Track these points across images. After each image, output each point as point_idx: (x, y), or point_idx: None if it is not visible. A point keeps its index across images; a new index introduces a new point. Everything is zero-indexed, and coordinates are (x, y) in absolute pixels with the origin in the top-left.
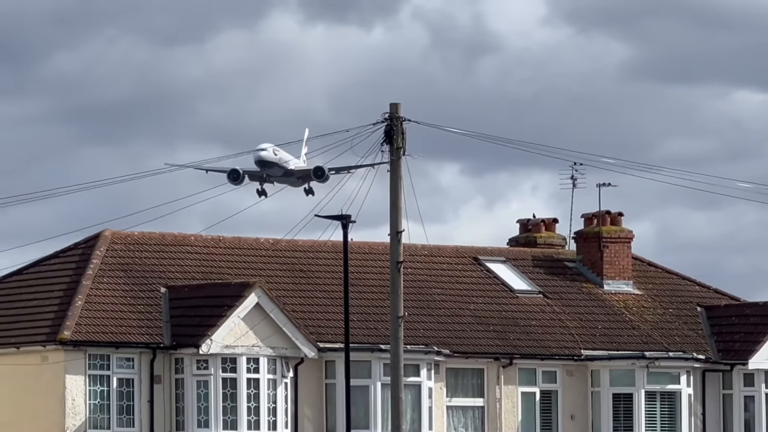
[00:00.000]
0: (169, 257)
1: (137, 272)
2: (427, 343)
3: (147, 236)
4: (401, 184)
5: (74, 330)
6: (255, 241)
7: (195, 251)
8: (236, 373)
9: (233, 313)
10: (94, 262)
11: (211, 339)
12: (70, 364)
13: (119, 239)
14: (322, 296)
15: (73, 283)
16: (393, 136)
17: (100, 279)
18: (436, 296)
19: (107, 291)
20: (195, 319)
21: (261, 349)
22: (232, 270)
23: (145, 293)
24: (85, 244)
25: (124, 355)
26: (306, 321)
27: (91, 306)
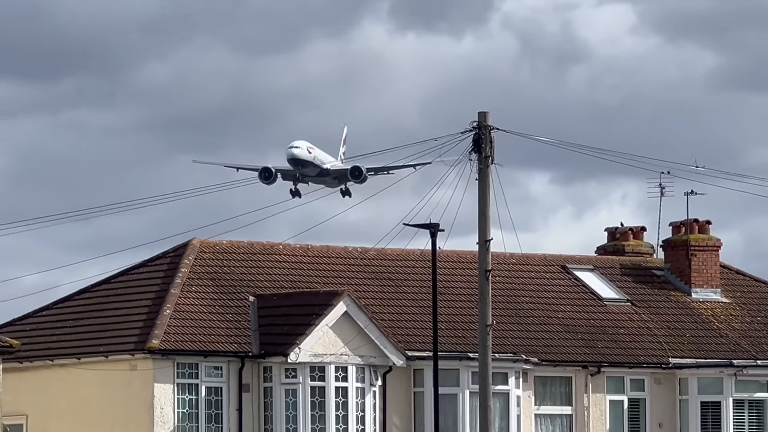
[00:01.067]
0: (258, 266)
1: (225, 281)
2: (515, 352)
3: (235, 245)
4: (489, 192)
5: (163, 339)
6: (344, 249)
7: (283, 260)
8: (324, 382)
9: (322, 322)
10: (182, 271)
11: (300, 347)
12: (159, 373)
13: (208, 248)
14: (411, 305)
15: (161, 291)
16: (481, 145)
17: (189, 288)
18: (525, 304)
19: (195, 300)
20: (283, 328)
21: (349, 357)
22: (320, 278)
23: (234, 302)
24: (174, 253)
25: (213, 364)
26: (394, 329)
27: (180, 315)
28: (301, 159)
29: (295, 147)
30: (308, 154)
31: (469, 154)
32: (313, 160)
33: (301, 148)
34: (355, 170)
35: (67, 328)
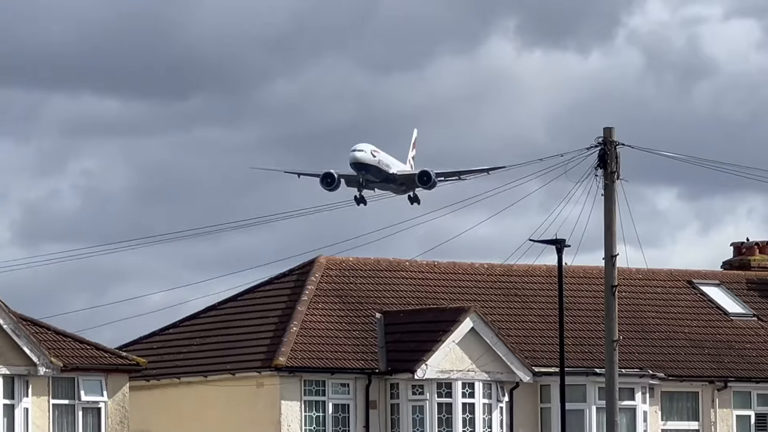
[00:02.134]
0: (385, 283)
1: (352, 298)
2: (641, 367)
3: (362, 262)
4: (615, 208)
5: (289, 356)
6: (470, 266)
7: (410, 276)
8: (452, 398)
9: (448, 338)
10: (309, 288)
11: (427, 364)
12: (286, 390)
13: (334, 265)
14: (537, 320)
15: (288, 309)
16: (607, 161)
17: (315, 305)
18: (651, 320)
19: (322, 317)
20: (410, 344)
21: (476, 373)
22: (447, 295)
23: (360, 319)
24: (300, 270)
25: (340, 381)
26: (521, 345)
27: (307, 332)
28: (365, 163)
29: (358, 150)
30: (372, 157)
31: (594, 170)
32: (378, 164)
33: (365, 151)
34: (424, 175)
35: (194, 345)
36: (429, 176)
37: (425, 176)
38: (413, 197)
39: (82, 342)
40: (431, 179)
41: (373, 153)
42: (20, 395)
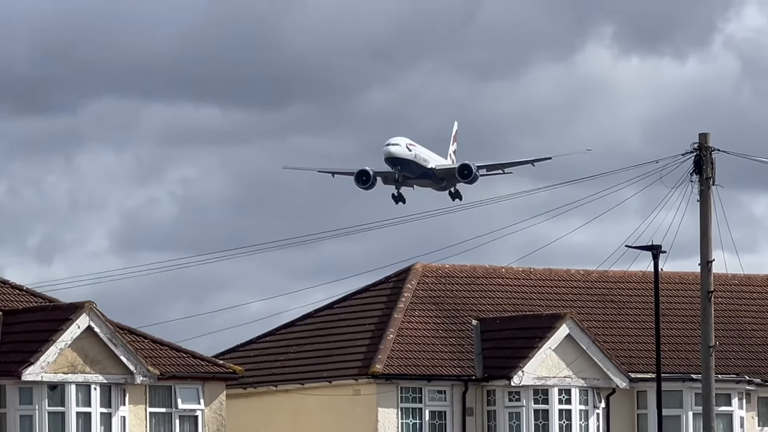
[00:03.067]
0: (481, 289)
1: (448, 305)
2: (738, 373)
3: (458, 269)
4: (711, 214)
5: (386, 363)
6: (566, 272)
7: (506, 283)
8: (548, 405)
9: (545, 345)
10: (405, 296)
11: (523, 371)
12: (383, 397)
13: (430, 272)
14: (633, 326)
15: (384, 316)
16: (702, 166)
17: (412, 312)
18: (747, 325)
19: (419, 324)
20: (506, 351)
21: (573, 380)
22: (543, 301)
23: (457, 325)
24: (397, 278)
25: (436, 388)
26: (617, 351)
27: (403, 339)
28: (400, 158)
29: (392, 144)
30: (408, 151)
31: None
32: (414, 158)
33: (400, 145)
34: (464, 169)
35: (291, 353)
36: (470, 170)
37: (466, 170)
38: (454, 193)
39: (179, 350)
40: (472, 173)
41: (408, 147)
42: (117, 404)
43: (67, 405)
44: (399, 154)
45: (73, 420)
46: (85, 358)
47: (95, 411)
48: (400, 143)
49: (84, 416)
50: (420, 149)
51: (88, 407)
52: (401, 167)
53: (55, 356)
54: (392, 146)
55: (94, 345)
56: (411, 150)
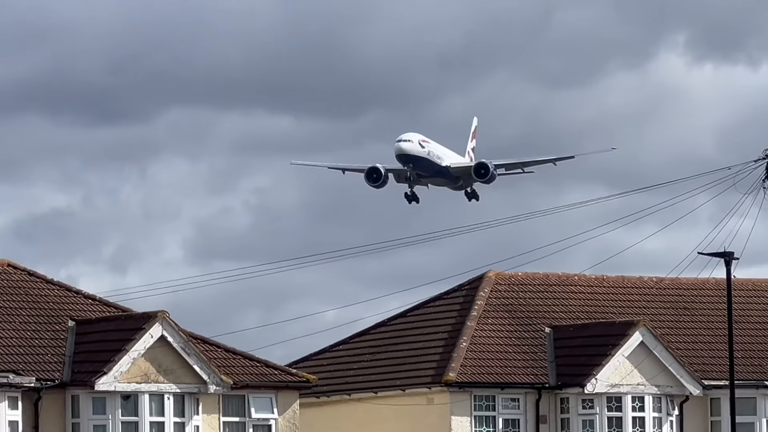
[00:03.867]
0: (553, 297)
1: (521, 312)
2: None
3: (531, 277)
4: None
5: (459, 371)
6: (638, 279)
7: (579, 291)
8: (621, 412)
9: (618, 352)
10: (478, 303)
11: (596, 378)
12: (456, 406)
13: (503, 280)
14: (706, 333)
15: (457, 324)
16: None
17: (485, 320)
18: None
19: (491, 332)
20: (580, 359)
21: (646, 387)
22: (615, 309)
23: (530, 333)
24: (469, 286)
25: (510, 396)
26: (690, 358)
27: (476, 347)
28: (412, 155)
29: (403, 140)
30: (420, 148)
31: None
32: (428, 155)
33: (412, 141)
34: (481, 167)
35: (364, 362)
36: (487, 168)
37: (482, 168)
38: (471, 193)
39: (252, 359)
40: (489, 171)
41: (421, 143)
42: (191, 413)
43: (141, 415)
44: (411, 151)
45: (147, 429)
46: (159, 368)
47: (169, 420)
48: (413, 139)
49: (157, 426)
50: (434, 146)
51: (162, 417)
52: (414, 165)
53: (129, 366)
54: (404, 143)
55: (167, 354)
56: (424, 147)
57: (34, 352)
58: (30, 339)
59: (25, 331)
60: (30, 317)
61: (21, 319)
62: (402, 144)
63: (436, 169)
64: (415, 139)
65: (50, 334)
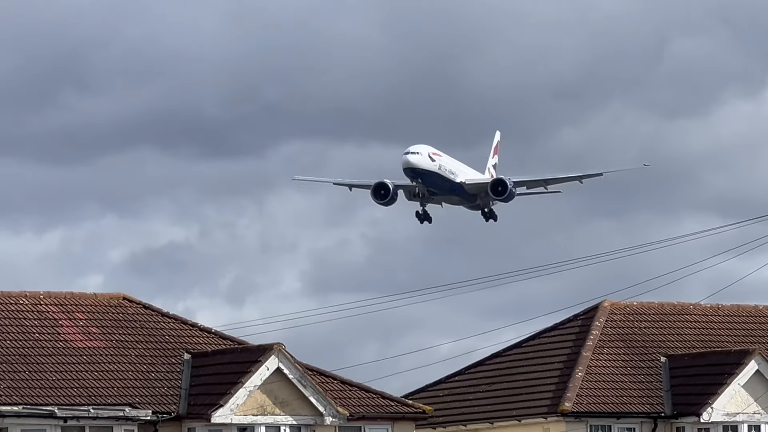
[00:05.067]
0: (669, 326)
1: (636, 342)
2: None
3: (646, 306)
4: None
5: (575, 401)
6: (754, 308)
7: (694, 320)
8: None
9: (734, 381)
10: (593, 333)
11: (712, 407)
12: None
13: (618, 310)
14: None
15: (573, 354)
16: None
17: (600, 349)
18: None
19: (607, 361)
20: (695, 388)
21: (762, 416)
22: (731, 337)
23: (645, 363)
24: (585, 316)
25: (626, 425)
26: None
27: (592, 377)
28: (421, 168)
29: (411, 153)
30: (430, 162)
31: None
32: (439, 170)
33: (420, 153)
34: (498, 184)
35: (480, 392)
36: (505, 185)
37: (500, 185)
38: (488, 213)
39: (369, 391)
40: (507, 189)
41: (431, 156)
42: None
43: None
44: (419, 165)
45: None
46: (275, 400)
47: None
48: (421, 152)
49: None
50: (446, 160)
51: None
52: (423, 180)
53: (245, 398)
54: (411, 155)
55: (283, 387)
56: (435, 160)
57: (150, 385)
58: (146, 372)
59: (141, 364)
60: (146, 350)
61: (137, 353)
62: (409, 156)
63: (449, 185)
64: (425, 152)
65: (166, 367)
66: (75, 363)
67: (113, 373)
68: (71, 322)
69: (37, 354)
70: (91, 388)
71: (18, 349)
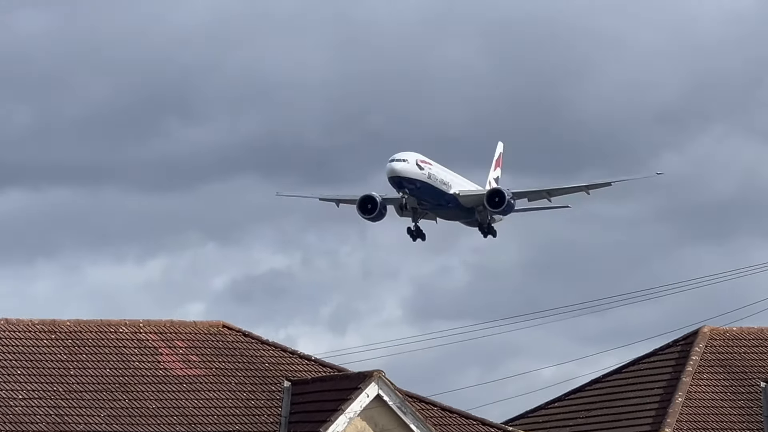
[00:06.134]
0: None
1: (737, 368)
2: None
3: (746, 331)
4: None
5: (675, 427)
6: None
7: None
8: None
9: None
10: (693, 359)
11: None
12: None
13: (718, 335)
14: None
15: (672, 380)
16: None
17: (700, 375)
18: None
19: (707, 387)
20: None
21: None
22: None
23: (745, 388)
24: (684, 341)
25: None
26: None
27: (692, 402)
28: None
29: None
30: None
31: None
32: (428, 179)
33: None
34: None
35: (580, 419)
36: (502, 196)
37: (497, 196)
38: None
39: (469, 417)
40: (505, 200)
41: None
42: None
43: None
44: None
45: None
46: (375, 427)
47: None
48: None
49: None
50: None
51: None
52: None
53: (345, 425)
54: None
55: (383, 414)
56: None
57: (250, 413)
58: (246, 400)
59: (241, 392)
60: (246, 378)
61: (237, 381)
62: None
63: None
64: (412, 159)
65: (266, 395)
66: (174, 391)
67: (213, 401)
68: (171, 350)
69: (136, 383)
70: (190, 416)
71: (117, 377)
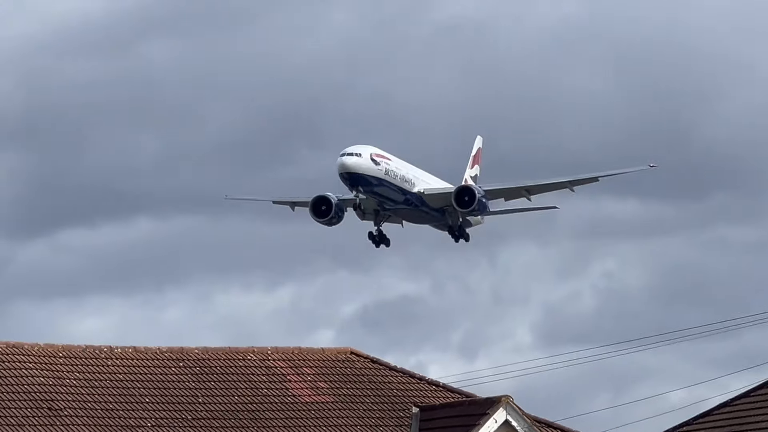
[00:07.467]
0: None
1: None
2: None
3: None
4: None
5: None
6: None
7: None
8: None
9: None
10: None
11: None
12: None
13: None
14: None
15: None
16: None
17: None
18: None
19: None
20: None
21: None
22: None
23: None
24: None
25: None
26: None
27: None
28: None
29: (348, 154)
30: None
31: None
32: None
33: (360, 155)
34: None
35: None
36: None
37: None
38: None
39: None
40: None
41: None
42: None
43: None
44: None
45: None
46: None
47: None
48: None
49: None
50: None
51: None
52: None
53: None
54: (347, 157)
55: None
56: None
57: None
58: (374, 426)
59: (369, 418)
60: (374, 404)
61: (365, 407)
62: (345, 159)
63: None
64: (366, 153)
65: (395, 421)
66: (303, 418)
67: (341, 427)
68: (299, 377)
69: (264, 410)
70: None
71: (246, 405)
